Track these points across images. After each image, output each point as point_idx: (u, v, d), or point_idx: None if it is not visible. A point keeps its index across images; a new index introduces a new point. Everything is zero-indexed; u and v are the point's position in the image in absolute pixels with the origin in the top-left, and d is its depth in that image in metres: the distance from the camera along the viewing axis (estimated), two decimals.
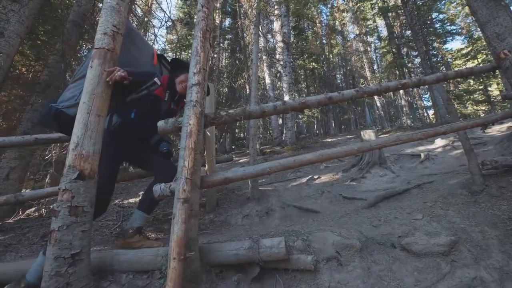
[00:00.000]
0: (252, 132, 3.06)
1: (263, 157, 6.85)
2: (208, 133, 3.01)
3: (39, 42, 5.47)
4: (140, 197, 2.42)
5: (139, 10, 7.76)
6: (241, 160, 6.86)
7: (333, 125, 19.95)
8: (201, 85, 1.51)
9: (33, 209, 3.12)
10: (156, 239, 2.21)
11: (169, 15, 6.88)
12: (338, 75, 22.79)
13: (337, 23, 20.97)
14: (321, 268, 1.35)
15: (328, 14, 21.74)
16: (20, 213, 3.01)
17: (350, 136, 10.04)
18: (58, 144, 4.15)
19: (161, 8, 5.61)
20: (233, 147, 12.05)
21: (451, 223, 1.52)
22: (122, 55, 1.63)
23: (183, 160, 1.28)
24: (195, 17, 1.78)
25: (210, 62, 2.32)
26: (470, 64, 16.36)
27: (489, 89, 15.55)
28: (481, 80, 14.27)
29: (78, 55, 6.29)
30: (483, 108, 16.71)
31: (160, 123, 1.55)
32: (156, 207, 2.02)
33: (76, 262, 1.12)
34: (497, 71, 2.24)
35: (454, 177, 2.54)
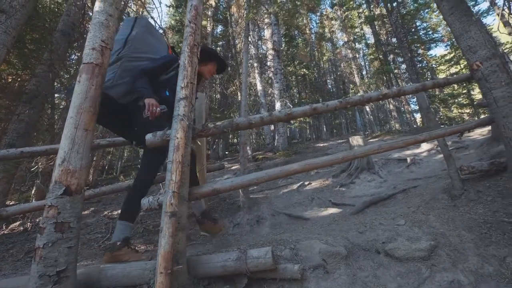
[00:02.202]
0: (242, 140, 3.10)
1: (255, 164, 6.88)
2: (199, 142, 3.03)
3: (26, 50, 5.40)
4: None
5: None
6: (233, 167, 6.87)
7: (324, 129, 20.25)
8: (188, 99, 1.54)
9: (17, 223, 3.04)
10: (146, 251, 2.20)
11: (159, 23, 6.92)
12: (329, 81, 23.27)
13: (326, 30, 21.52)
14: (307, 277, 1.38)
15: (318, 22, 22.31)
16: (4, 227, 2.92)
17: (341, 141, 10.20)
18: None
19: (152, 17, 5.64)
20: (226, 152, 12.05)
21: (431, 227, 1.59)
22: (146, 45, 1.95)
23: (171, 174, 1.30)
24: (184, 31, 1.83)
25: None
26: (453, 70, 17.05)
27: (472, 93, 16.16)
28: (465, 84, 14.83)
29: (67, 63, 6.24)
30: (467, 111, 17.33)
31: (148, 136, 1.58)
32: (138, 215, 2.00)
33: (61, 279, 1.11)
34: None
35: (436, 182, 2.63)
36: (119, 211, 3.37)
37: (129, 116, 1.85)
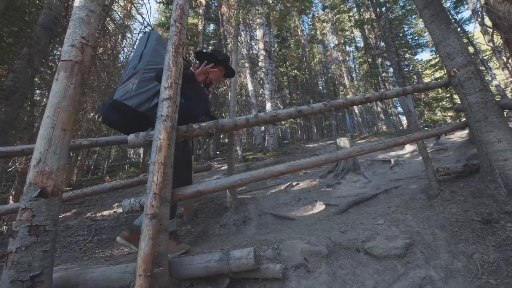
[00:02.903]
0: (230, 141, 3.10)
1: (245, 164, 6.89)
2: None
3: (3, 44, 5.16)
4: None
5: (117, 14, 7.59)
6: (223, 168, 6.85)
7: (315, 130, 20.51)
8: (172, 100, 1.53)
9: None
10: (130, 253, 2.17)
11: (148, 21, 6.80)
12: (320, 82, 23.59)
13: (318, 32, 21.82)
14: (289, 276, 1.41)
15: (310, 23, 22.58)
16: None
17: (331, 142, 10.37)
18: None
19: (139, 13, 5.53)
20: (218, 152, 11.97)
21: (408, 226, 1.66)
22: (158, 56, 2.05)
23: (152, 175, 1.29)
24: (170, 30, 1.82)
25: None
26: (438, 74, 17.69)
27: (455, 97, 16.81)
28: (448, 88, 15.40)
29: (50, 59, 6.01)
30: (450, 114, 18.04)
31: (131, 137, 1.56)
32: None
33: (35, 284, 1.08)
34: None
35: (416, 182, 2.74)
36: (104, 213, 3.31)
37: (149, 123, 1.91)
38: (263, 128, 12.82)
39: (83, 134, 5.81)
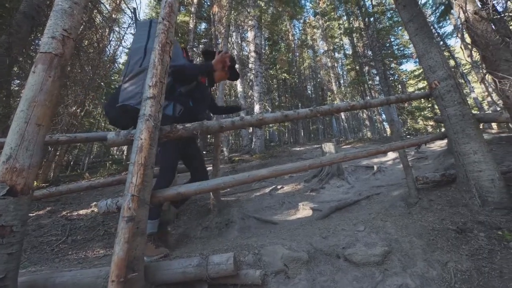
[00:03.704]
0: (216, 142, 3.06)
1: (231, 165, 6.83)
2: None
3: None
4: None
5: (105, 7, 7.34)
6: (208, 168, 6.75)
7: (302, 134, 20.77)
8: (156, 99, 1.49)
9: None
10: (105, 255, 2.08)
11: (138, 16, 6.63)
12: (308, 86, 23.95)
13: (308, 37, 22.18)
14: (269, 282, 1.39)
15: (301, 28, 22.91)
16: None
17: (317, 146, 10.53)
18: None
19: (128, 8, 5.38)
20: (204, 152, 11.82)
21: (387, 234, 1.69)
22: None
23: (131, 176, 1.24)
24: (157, 28, 1.77)
25: None
26: (421, 84, 18.50)
27: (436, 107, 17.53)
28: (429, 99, 16.08)
29: (31, 48, 5.71)
30: (431, 123, 18.87)
31: (111, 135, 1.50)
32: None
33: None
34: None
35: (397, 189, 2.82)
36: (80, 212, 3.16)
37: None
38: (250, 129, 12.82)
39: (63, 129, 5.56)
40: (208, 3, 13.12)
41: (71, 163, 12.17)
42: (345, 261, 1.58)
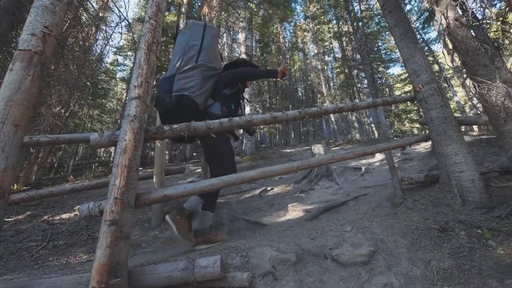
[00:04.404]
0: None
1: None
2: (158, 144, 2.89)
3: None
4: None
5: (92, 5, 7.14)
6: (198, 170, 6.68)
7: (292, 136, 20.93)
8: (142, 99, 1.45)
9: None
10: (88, 260, 2.01)
11: (125, 15, 6.50)
12: (299, 89, 24.21)
13: (299, 40, 22.44)
14: (256, 284, 1.38)
15: (291, 31, 23.15)
16: None
17: (307, 148, 10.63)
18: None
19: (116, 7, 5.27)
20: (194, 154, 11.68)
21: (373, 234, 1.72)
22: (214, 55, 2.15)
23: (114, 178, 1.20)
24: (143, 27, 1.74)
25: None
26: (407, 88, 19.06)
27: (421, 110, 18.12)
28: (414, 102, 16.62)
29: (12, 46, 5.48)
30: (417, 126, 19.47)
31: (94, 136, 1.45)
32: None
33: None
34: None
35: (384, 190, 2.88)
36: (63, 216, 3.04)
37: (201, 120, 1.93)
38: (241, 130, 12.78)
39: (46, 130, 5.35)
40: (199, 4, 13.06)
41: (55, 165, 11.73)
42: (333, 262, 1.60)
